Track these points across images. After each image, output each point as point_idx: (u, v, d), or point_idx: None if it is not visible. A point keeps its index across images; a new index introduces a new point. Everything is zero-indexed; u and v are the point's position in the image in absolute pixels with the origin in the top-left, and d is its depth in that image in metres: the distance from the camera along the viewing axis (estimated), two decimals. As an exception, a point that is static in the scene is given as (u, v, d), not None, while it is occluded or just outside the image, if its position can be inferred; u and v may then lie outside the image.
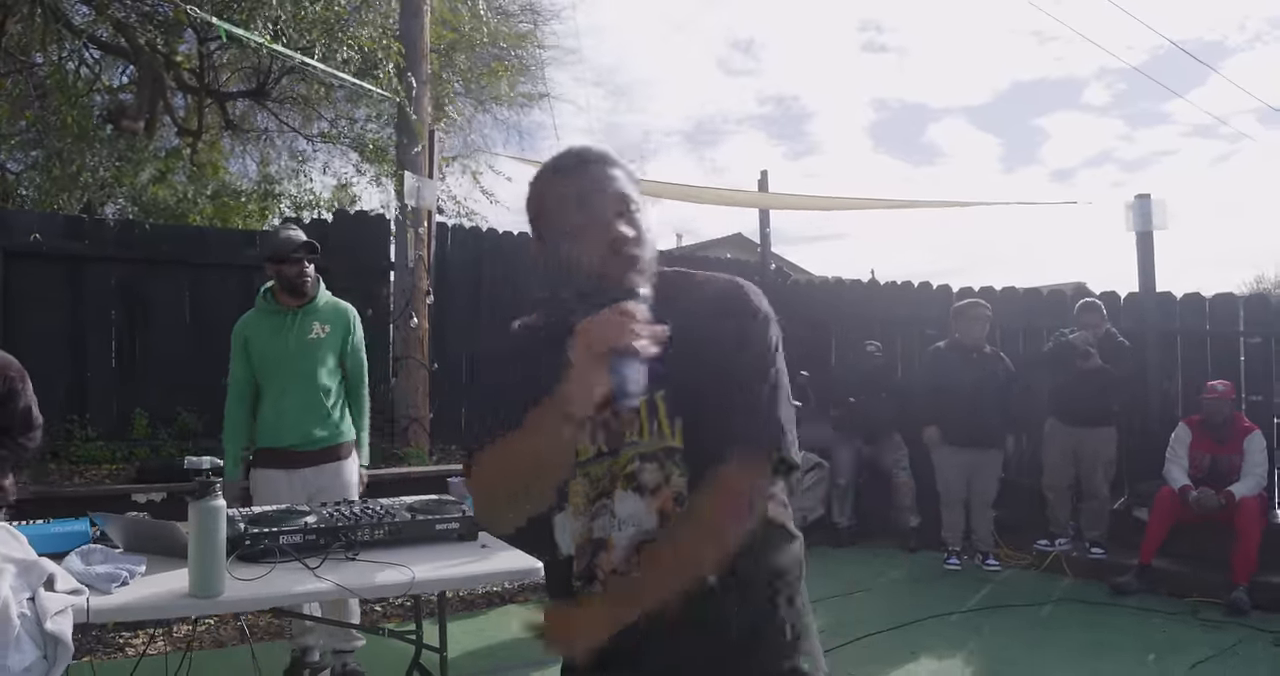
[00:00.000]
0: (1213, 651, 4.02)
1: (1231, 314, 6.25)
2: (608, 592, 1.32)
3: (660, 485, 1.31)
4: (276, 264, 3.59)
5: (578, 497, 1.37)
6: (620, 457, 1.33)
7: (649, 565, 1.28)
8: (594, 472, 1.36)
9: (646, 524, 1.31)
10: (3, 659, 1.99)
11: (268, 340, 3.62)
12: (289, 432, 3.57)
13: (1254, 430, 5.21)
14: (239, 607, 2.49)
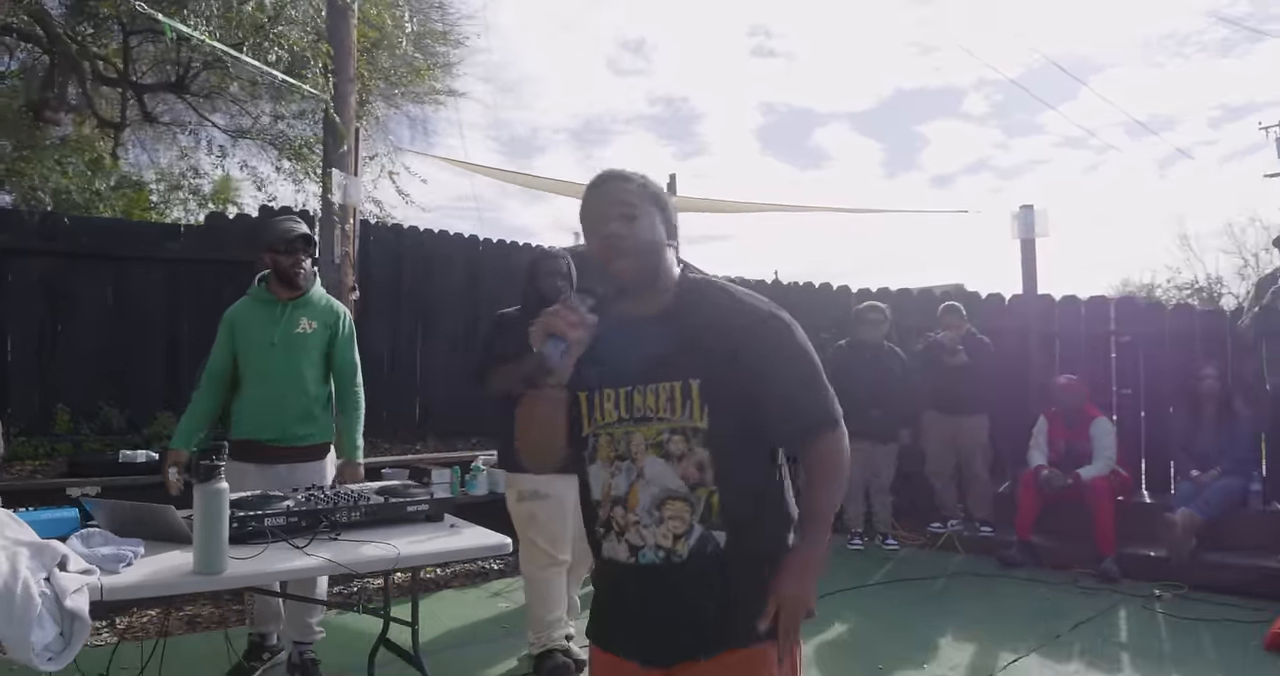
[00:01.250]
0: (1092, 613, 4.55)
1: (1104, 315, 6.91)
2: (814, 546, 1.61)
3: (685, 455, 1.58)
4: (274, 253, 3.57)
5: (604, 452, 1.65)
6: (650, 427, 1.60)
7: (819, 521, 1.62)
8: (615, 433, 1.64)
9: (671, 484, 1.58)
10: (28, 635, 2.11)
11: (255, 329, 3.57)
12: (267, 426, 3.53)
13: (1099, 416, 5.84)
14: (241, 583, 2.63)
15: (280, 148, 6.89)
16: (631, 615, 1.66)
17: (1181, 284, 25.45)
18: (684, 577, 1.58)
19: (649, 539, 1.59)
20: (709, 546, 1.57)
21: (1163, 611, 4.59)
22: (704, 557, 1.57)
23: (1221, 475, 5.38)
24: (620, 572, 1.65)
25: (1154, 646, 4.08)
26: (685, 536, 1.57)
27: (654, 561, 1.59)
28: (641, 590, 1.63)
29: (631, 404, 1.62)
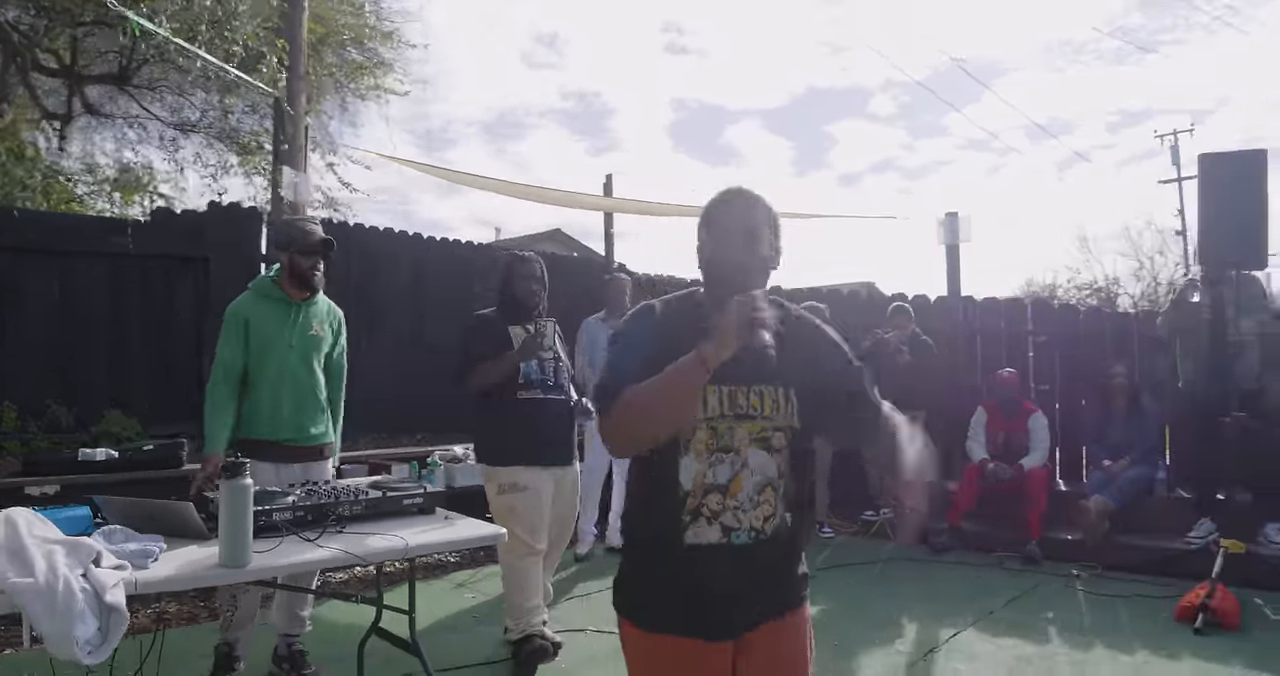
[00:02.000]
0: (1019, 592, 4.94)
1: (1021, 316, 7.40)
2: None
3: (782, 448, 1.79)
4: (294, 254, 3.59)
5: (700, 445, 1.75)
6: (755, 423, 1.77)
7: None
8: (719, 427, 1.76)
9: (770, 472, 1.78)
10: (71, 630, 2.18)
11: (271, 329, 3.57)
12: (285, 426, 3.57)
13: (1036, 411, 6.29)
14: (264, 575, 2.73)
15: (226, 141, 6.83)
16: (712, 593, 1.78)
17: (1081, 284, 26.79)
18: (767, 553, 1.80)
19: (745, 521, 1.76)
20: (783, 526, 1.82)
21: (1082, 589, 5.02)
22: (780, 535, 1.81)
23: (1130, 465, 5.86)
24: (707, 554, 1.76)
25: (1077, 619, 4.47)
26: (772, 517, 1.79)
27: (746, 541, 1.77)
28: (730, 568, 1.77)
29: (735, 402, 1.77)
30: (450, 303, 8.31)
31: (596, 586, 5.03)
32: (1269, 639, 4.10)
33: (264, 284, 3.66)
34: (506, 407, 3.78)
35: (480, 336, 3.86)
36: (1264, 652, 3.89)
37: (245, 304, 3.60)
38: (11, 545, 2.29)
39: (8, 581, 2.18)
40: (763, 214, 1.84)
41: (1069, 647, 4.04)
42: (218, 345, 3.59)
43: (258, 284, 3.68)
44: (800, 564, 1.91)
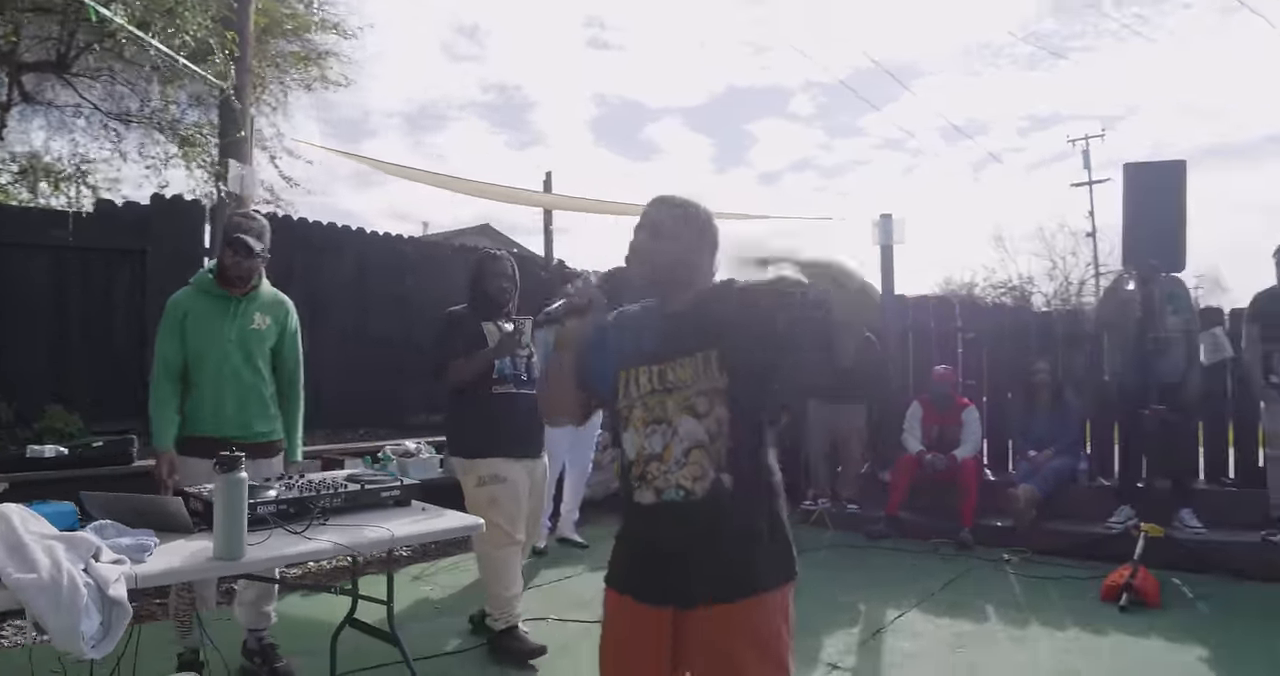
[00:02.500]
0: (955, 575, 5.22)
1: (950, 314, 7.74)
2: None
3: (709, 412, 1.89)
4: (224, 249, 3.55)
5: (636, 421, 1.96)
6: (680, 394, 1.91)
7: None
8: (651, 402, 1.94)
9: (698, 436, 1.89)
10: (77, 625, 2.19)
11: (210, 323, 3.51)
12: (228, 423, 3.52)
13: (969, 405, 6.61)
14: (259, 567, 2.75)
15: (166, 132, 6.71)
16: (653, 556, 1.95)
17: (997, 283, 27.70)
18: (697, 514, 1.88)
19: (673, 481, 1.90)
20: (719, 487, 1.88)
21: (1013, 572, 5.32)
22: (716, 495, 1.88)
23: (1054, 455, 6.22)
24: (645, 513, 1.94)
25: (1011, 600, 4.76)
26: (702, 478, 1.88)
27: (675, 498, 1.89)
28: (663, 527, 1.93)
29: (665, 378, 1.94)
30: (391, 298, 8.31)
31: (554, 576, 5.14)
32: (1186, 615, 4.44)
33: (203, 278, 3.60)
34: (482, 402, 3.85)
35: (455, 333, 3.93)
36: (1182, 628, 4.22)
37: (184, 298, 3.55)
38: (10, 540, 2.29)
39: (11, 577, 2.18)
40: (674, 213, 2.02)
41: (1005, 625, 4.31)
42: (157, 340, 3.53)
43: (198, 278, 3.60)
44: (762, 542, 1.93)
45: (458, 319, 3.98)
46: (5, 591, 2.17)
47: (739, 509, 1.91)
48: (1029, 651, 3.92)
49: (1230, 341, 5.68)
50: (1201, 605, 4.60)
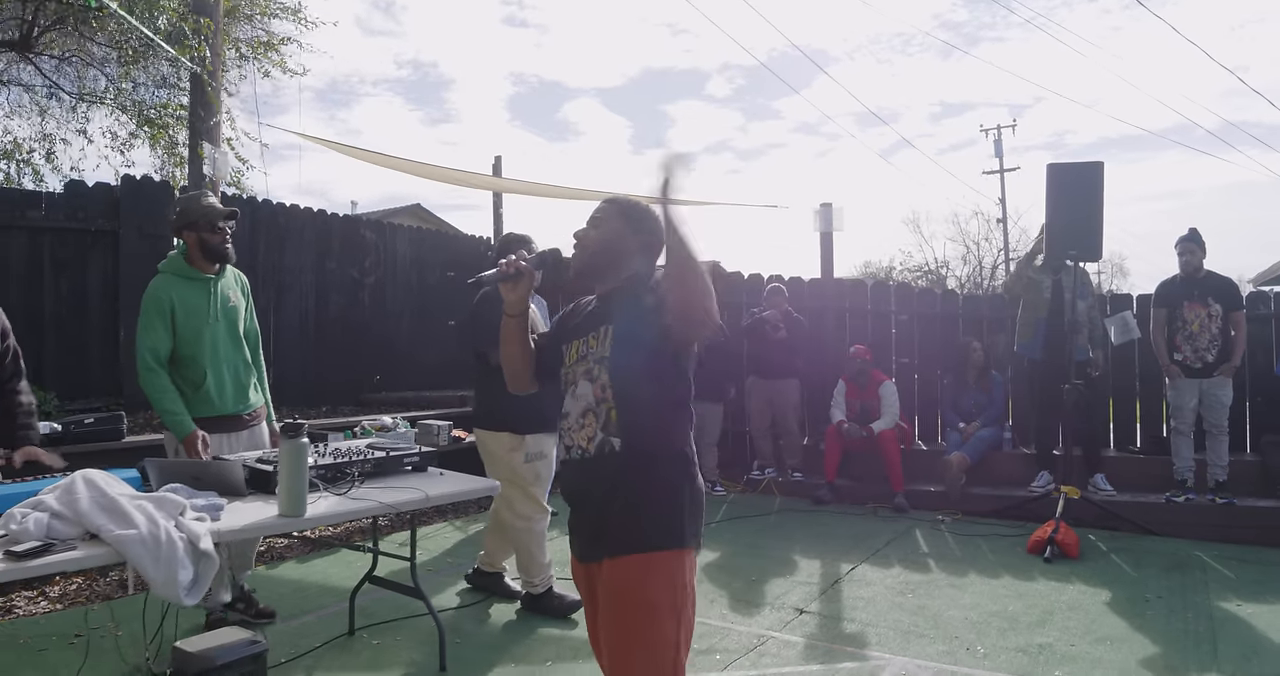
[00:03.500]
0: (895, 535, 5.75)
1: (885, 297, 8.27)
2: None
3: (599, 378, 2.08)
4: (203, 231, 3.66)
5: (568, 387, 2.18)
6: (585, 361, 2.13)
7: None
8: (576, 370, 2.15)
9: (588, 399, 2.08)
10: (176, 576, 2.45)
11: (196, 307, 3.66)
12: (231, 400, 3.76)
13: (886, 380, 7.15)
14: (318, 522, 3.04)
15: (130, 113, 6.74)
16: (573, 512, 2.17)
17: (912, 267, 28.85)
18: (592, 471, 2.06)
19: (576, 440, 2.10)
20: (607, 448, 2.03)
21: (948, 531, 5.88)
22: (604, 457, 2.04)
23: (981, 426, 6.82)
24: (563, 469, 2.18)
25: (949, 553, 5.30)
26: (594, 440, 2.05)
27: (576, 458, 2.09)
28: (570, 481, 2.15)
29: (582, 348, 2.16)
30: (349, 278, 8.48)
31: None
32: (1101, 564, 5.05)
33: (178, 264, 3.70)
34: None
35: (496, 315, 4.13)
36: (1098, 574, 4.83)
37: (164, 286, 3.64)
38: (102, 502, 2.53)
39: (113, 534, 2.43)
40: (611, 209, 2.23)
41: (947, 575, 4.83)
42: (139, 332, 3.60)
43: (172, 264, 3.71)
44: (644, 506, 2.01)
45: (489, 299, 4.05)
46: (107, 547, 2.43)
47: (628, 470, 2.02)
48: (970, 596, 4.44)
49: (1138, 324, 6.32)
50: (1115, 557, 5.22)
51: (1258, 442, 6.48)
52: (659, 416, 2.07)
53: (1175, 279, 5.99)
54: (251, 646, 3.21)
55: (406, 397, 8.31)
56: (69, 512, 2.49)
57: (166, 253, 6.74)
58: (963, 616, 4.12)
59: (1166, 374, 6.03)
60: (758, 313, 7.39)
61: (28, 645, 3.68)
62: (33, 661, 3.51)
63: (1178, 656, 3.62)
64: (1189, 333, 5.83)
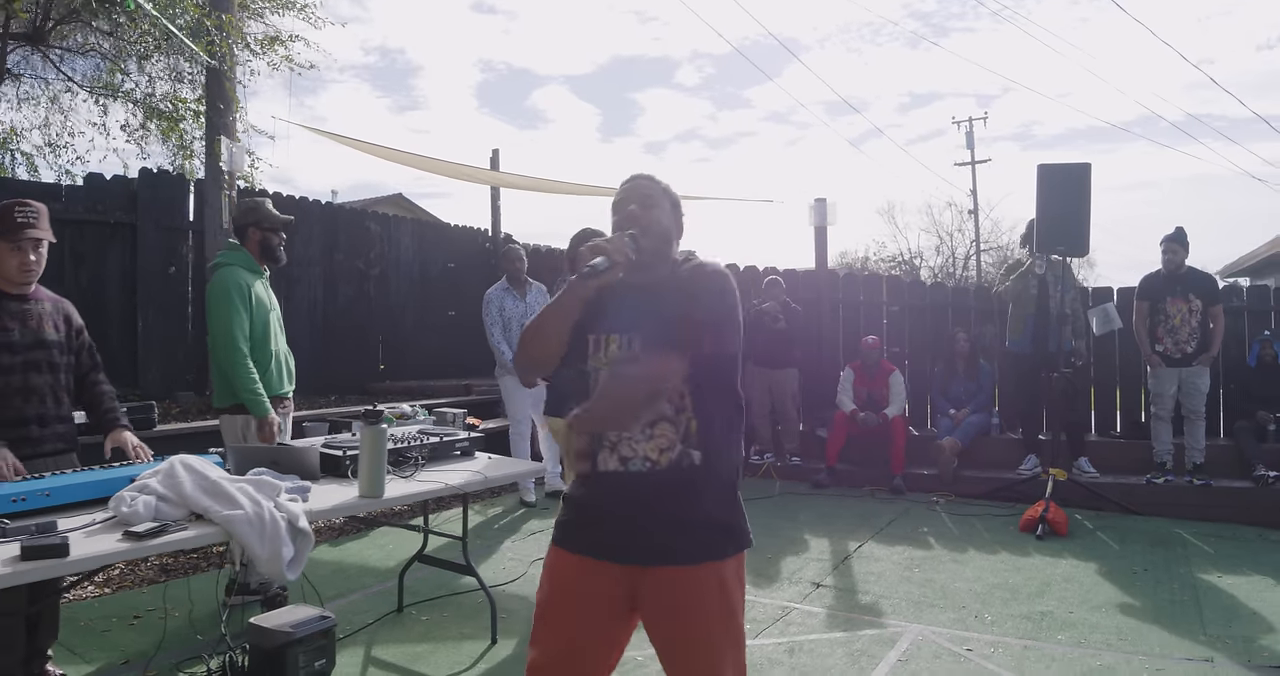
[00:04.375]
0: (895, 515, 6.07)
1: (877, 289, 8.59)
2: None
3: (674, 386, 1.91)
4: (264, 231, 4.04)
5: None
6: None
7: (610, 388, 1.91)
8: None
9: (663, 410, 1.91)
10: (280, 552, 2.68)
11: (260, 297, 4.00)
12: (287, 381, 4.14)
13: (894, 370, 7.47)
14: (393, 503, 3.24)
15: (141, 107, 6.86)
16: (603, 516, 1.97)
17: (886, 257, 29.29)
18: (664, 484, 1.91)
19: (639, 451, 1.91)
20: (685, 461, 1.91)
21: (943, 511, 6.21)
22: (681, 470, 1.91)
23: (971, 413, 7.16)
24: (610, 481, 1.95)
25: (947, 532, 5.63)
26: (669, 450, 1.90)
27: (641, 469, 1.91)
28: (629, 494, 1.93)
29: (632, 347, 1.97)
30: (355, 269, 8.65)
31: (542, 526, 5.73)
32: (1089, 541, 5.40)
33: (246, 257, 4.04)
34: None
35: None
36: (1088, 550, 5.18)
37: (240, 275, 3.95)
38: (204, 485, 2.75)
39: (220, 514, 2.65)
40: (660, 189, 2.10)
41: (948, 551, 5.16)
42: (223, 316, 3.86)
43: (240, 258, 4.03)
44: (717, 515, 1.95)
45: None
46: (215, 527, 2.65)
47: (708, 483, 1.94)
48: (972, 570, 4.76)
49: (1119, 315, 6.68)
50: (1101, 534, 5.57)
51: (1231, 428, 6.86)
52: (731, 428, 2.01)
53: (1158, 274, 6.34)
54: (322, 621, 3.45)
55: (411, 386, 8.52)
56: (173, 495, 2.70)
57: (182, 246, 6.95)
58: (967, 588, 4.44)
59: (1148, 363, 6.38)
60: (757, 304, 7.65)
61: (89, 627, 3.87)
62: (100, 642, 3.72)
63: (1168, 620, 3.96)
64: (1171, 325, 6.19)
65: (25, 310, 3.12)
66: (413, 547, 4.57)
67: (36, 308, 3.17)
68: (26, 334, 3.10)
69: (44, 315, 3.18)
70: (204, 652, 3.42)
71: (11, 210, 3.04)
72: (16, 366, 3.06)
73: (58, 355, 3.20)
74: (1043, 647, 3.64)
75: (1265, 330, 6.93)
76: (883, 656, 3.55)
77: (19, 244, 3.04)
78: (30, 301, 3.15)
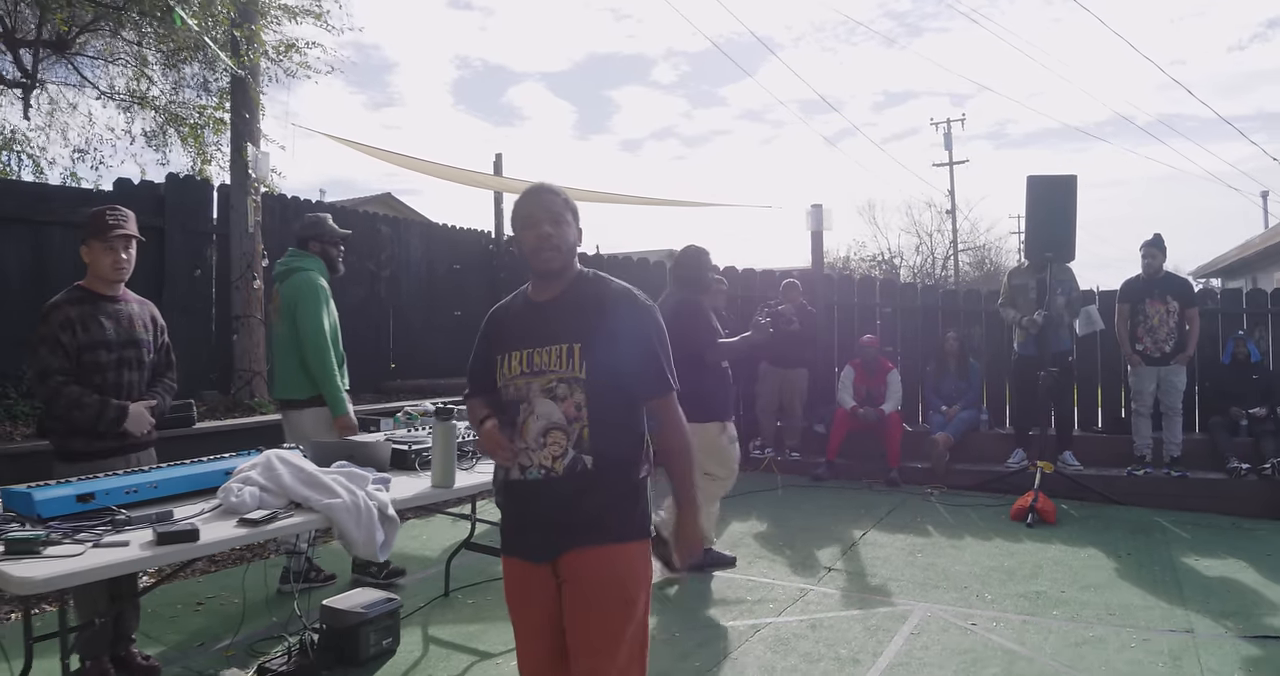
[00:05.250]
0: (893, 506, 6.45)
1: (871, 291, 8.97)
2: (687, 515, 2.18)
3: (568, 397, 2.05)
4: (329, 244, 4.49)
5: (509, 398, 2.14)
6: (544, 377, 2.07)
7: (685, 497, 2.17)
8: (518, 384, 2.11)
9: (556, 418, 2.05)
10: (374, 536, 2.97)
11: (335, 302, 4.47)
12: (349, 376, 4.54)
13: (892, 368, 7.85)
14: (461, 493, 3.53)
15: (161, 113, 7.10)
16: (523, 522, 2.15)
17: (867, 256, 29.79)
18: (560, 488, 2.06)
19: (535, 460, 2.07)
20: (579, 466, 2.05)
21: (938, 502, 6.61)
22: (574, 474, 2.05)
23: (961, 409, 7.55)
24: (516, 488, 2.13)
25: (943, 521, 6.01)
26: (562, 457, 2.05)
27: (538, 478, 2.07)
28: (529, 500, 2.11)
29: (532, 361, 2.09)
30: (366, 271, 8.93)
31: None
32: (1076, 528, 5.81)
33: (319, 263, 4.46)
34: (724, 375, 4.69)
35: (707, 318, 4.68)
36: (1075, 536, 5.59)
37: (320, 280, 4.40)
38: (302, 477, 3.05)
39: (321, 502, 2.94)
40: (564, 203, 2.16)
41: (945, 538, 5.54)
42: (315, 314, 4.28)
43: (315, 263, 4.44)
44: (621, 503, 2.08)
45: (696, 306, 4.66)
46: (316, 514, 2.94)
47: (599, 482, 2.06)
48: (969, 554, 5.14)
49: (1101, 317, 7.09)
50: (1087, 522, 5.98)
51: (1206, 423, 7.29)
52: (633, 431, 2.14)
53: (1138, 278, 6.75)
54: (389, 603, 3.79)
55: (421, 385, 8.79)
56: (274, 486, 3.00)
57: (207, 249, 7.18)
58: (967, 571, 4.82)
59: (1129, 362, 6.80)
60: (773, 305, 7.96)
61: (156, 613, 4.16)
62: (171, 626, 4.01)
63: (1151, 598, 4.35)
64: (1150, 326, 6.61)
65: (118, 310, 3.40)
66: (445, 537, 4.89)
67: (127, 308, 3.44)
68: (120, 333, 3.37)
69: (134, 315, 3.46)
70: (278, 633, 3.73)
71: (103, 214, 3.33)
72: (111, 363, 3.34)
73: (146, 353, 3.48)
74: (1040, 622, 4.02)
75: (1238, 331, 7.36)
76: (897, 630, 3.92)
77: (111, 243, 3.31)
78: (121, 302, 3.43)
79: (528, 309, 2.19)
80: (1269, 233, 14.58)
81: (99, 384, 3.29)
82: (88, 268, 3.37)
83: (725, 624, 4.03)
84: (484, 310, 7.61)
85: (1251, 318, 7.63)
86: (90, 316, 3.29)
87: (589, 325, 2.09)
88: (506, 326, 2.20)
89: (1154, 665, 3.52)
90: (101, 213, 3.36)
